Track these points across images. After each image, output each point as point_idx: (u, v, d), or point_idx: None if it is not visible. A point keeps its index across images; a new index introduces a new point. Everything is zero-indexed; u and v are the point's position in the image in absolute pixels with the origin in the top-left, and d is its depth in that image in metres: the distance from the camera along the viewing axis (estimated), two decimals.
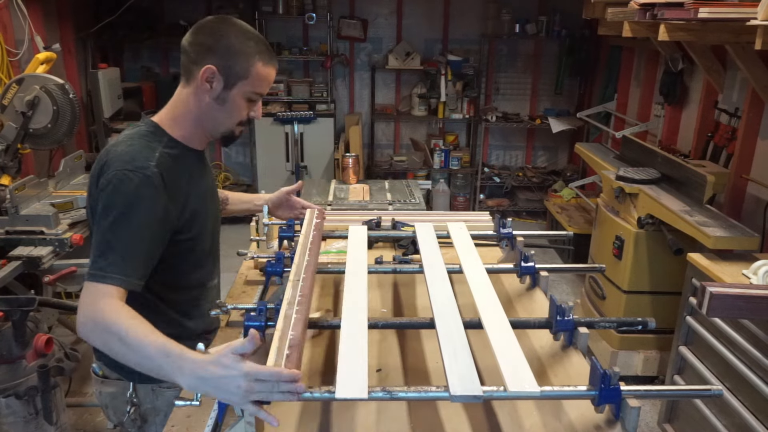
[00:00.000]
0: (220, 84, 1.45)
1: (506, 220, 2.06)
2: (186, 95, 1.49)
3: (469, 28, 6.21)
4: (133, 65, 6.19)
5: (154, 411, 1.64)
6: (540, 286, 1.76)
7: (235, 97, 1.47)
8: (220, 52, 1.43)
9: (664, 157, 3.55)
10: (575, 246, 4.74)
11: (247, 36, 1.47)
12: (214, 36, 1.45)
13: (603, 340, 3.57)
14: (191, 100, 1.48)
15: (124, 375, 1.62)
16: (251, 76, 1.46)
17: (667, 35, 2.84)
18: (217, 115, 1.50)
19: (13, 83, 3.10)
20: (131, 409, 1.61)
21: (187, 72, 1.47)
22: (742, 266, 2.52)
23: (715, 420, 2.51)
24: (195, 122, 1.52)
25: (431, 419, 1.29)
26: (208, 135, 1.58)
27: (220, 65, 1.43)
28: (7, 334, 2.32)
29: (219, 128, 1.54)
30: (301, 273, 1.50)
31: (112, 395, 1.66)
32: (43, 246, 2.69)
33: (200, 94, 1.46)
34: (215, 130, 1.55)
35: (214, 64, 1.42)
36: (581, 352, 1.42)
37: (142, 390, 1.62)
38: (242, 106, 1.50)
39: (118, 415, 1.69)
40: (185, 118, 1.51)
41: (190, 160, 1.55)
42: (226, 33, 1.45)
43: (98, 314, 1.26)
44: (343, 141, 5.88)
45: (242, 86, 1.47)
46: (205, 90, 1.45)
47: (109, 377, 1.66)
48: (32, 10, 4.19)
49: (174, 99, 1.52)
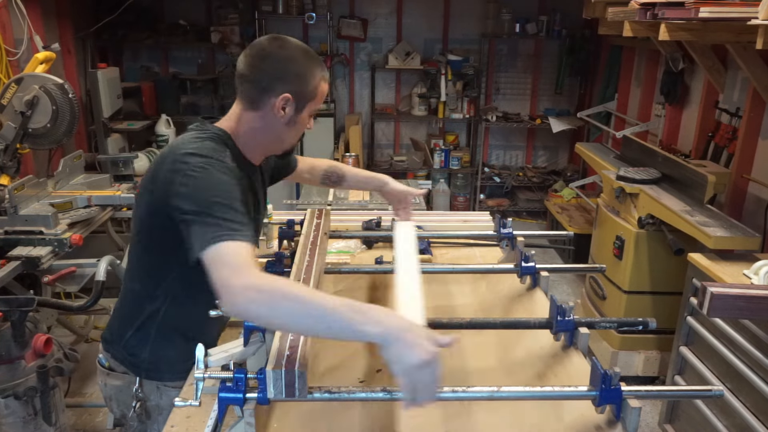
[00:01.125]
0: (292, 109, 1.46)
1: (506, 220, 2.05)
2: (252, 119, 1.48)
3: (469, 27, 6.20)
4: (132, 65, 6.18)
5: (158, 409, 1.62)
6: (540, 287, 1.76)
7: (304, 117, 1.50)
8: (291, 78, 1.44)
9: (665, 157, 3.55)
10: (576, 246, 4.74)
11: (308, 56, 1.48)
12: (281, 63, 1.44)
13: (603, 341, 3.56)
14: (259, 124, 1.48)
15: (131, 369, 1.60)
16: (317, 95, 1.50)
17: (668, 35, 2.83)
18: (286, 136, 1.53)
19: (12, 83, 3.10)
20: (137, 404, 1.59)
21: (253, 99, 1.46)
22: (743, 266, 2.52)
23: (716, 420, 2.50)
24: (259, 142, 1.53)
25: (431, 419, 1.29)
26: (270, 152, 1.60)
27: (293, 92, 1.44)
28: (6, 335, 2.32)
29: (284, 146, 1.58)
30: (302, 273, 1.50)
31: (117, 388, 1.65)
32: (42, 246, 2.68)
33: (271, 120, 1.47)
34: (280, 149, 1.58)
35: (289, 92, 1.43)
36: (582, 353, 1.42)
37: (147, 386, 1.60)
38: (307, 123, 1.52)
39: (121, 408, 1.68)
40: (249, 136, 1.51)
41: (248, 171, 1.55)
42: (292, 58, 1.45)
43: (254, 278, 1.13)
44: (343, 141, 5.88)
45: (310, 106, 1.50)
46: (278, 116, 1.46)
47: (116, 370, 1.63)
48: (31, 9, 4.18)
49: (235, 117, 1.51)
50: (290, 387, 1.07)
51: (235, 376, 1.11)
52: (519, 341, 1.59)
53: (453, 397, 1.16)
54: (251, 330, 1.28)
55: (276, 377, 1.06)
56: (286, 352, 1.12)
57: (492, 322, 1.56)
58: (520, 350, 1.57)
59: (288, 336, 1.18)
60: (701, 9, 2.41)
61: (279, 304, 1.10)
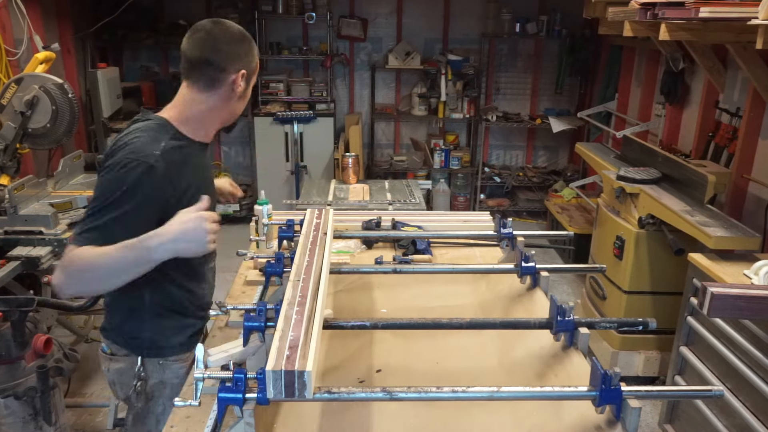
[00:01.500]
0: (245, 83, 1.64)
1: (506, 220, 2.05)
2: (207, 98, 1.61)
3: (469, 27, 6.20)
4: (132, 65, 6.18)
5: (162, 385, 1.72)
6: (540, 287, 1.76)
7: (248, 89, 1.67)
8: (242, 57, 1.61)
9: (665, 156, 3.55)
10: (576, 246, 4.74)
11: (246, 36, 1.65)
12: (232, 44, 1.60)
13: (604, 341, 3.56)
14: (216, 102, 1.62)
15: (132, 350, 1.70)
16: (256, 66, 1.69)
17: (668, 35, 2.83)
18: (238, 106, 1.68)
19: (12, 83, 3.10)
20: (138, 383, 1.69)
21: (213, 79, 1.59)
22: (743, 266, 2.52)
23: (716, 420, 2.50)
24: (215, 118, 1.66)
25: (431, 419, 1.29)
26: (224, 124, 1.72)
27: (246, 68, 1.62)
28: (6, 335, 2.32)
29: (236, 116, 1.72)
30: (301, 273, 1.50)
31: (120, 371, 1.72)
32: (42, 246, 2.68)
33: (228, 96, 1.62)
34: (232, 119, 1.73)
35: (243, 68, 1.61)
36: (582, 353, 1.42)
37: (149, 364, 1.70)
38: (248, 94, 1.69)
39: (125, 391, 1.75)
40: (204, 116, 1.64)
41: (194, 151, 1.66)
42: (238, 39, 1.62)
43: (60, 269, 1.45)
44: (343, 141, 5.87)
45: (253, 79, 1.68)
46: (235, 91, 1.62)
47: (117, 354, 1.72)
48: (31, 9, 4.18)
49: (182, 102, 1.63)
50: (290, 387, 1.07)
51: (235, 376, 1.10)
52: (519, 341, 1.59)
53: (453, 397, 1.16)
54: (251, 330, 1.27)
55: (276, 377, 1.05)
56: (286, 352, 1.12)
57: (492, 322, 1.56)
58: (520, 350, 1.56)
59: (288, 336, 1.18)
60: (701, 9, 2.41)
61: (80, 276, 1.43)
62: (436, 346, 1.62)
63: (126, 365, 1.71)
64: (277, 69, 6.18)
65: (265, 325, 1.30)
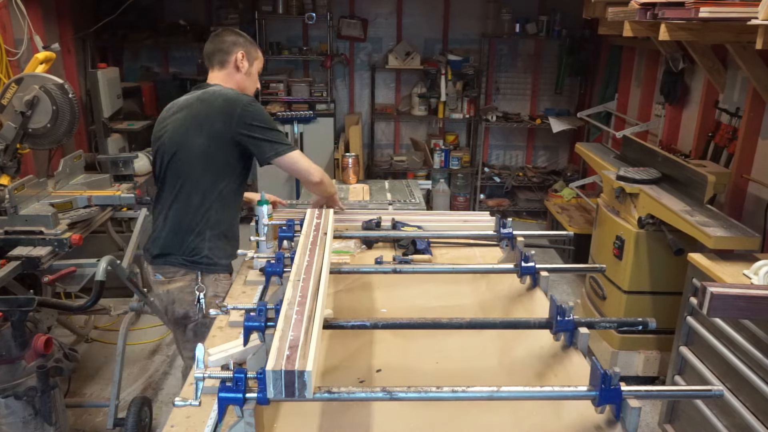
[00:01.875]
0: (246, 63, 2.27)
1: (506, 220, 2.05)
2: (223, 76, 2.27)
3: (469, 27, 6.20)
4: (132, 65, 6.18)
5: (215, 298, 2.16)
6: (540, 286, 1.76)
7: (254, 71, 2.33)
8: (241, 43, 2.28)
9: (665, 156, 3.55)
10: (576, 246, 4.74)
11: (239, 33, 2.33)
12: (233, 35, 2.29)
13: (603, 341, 3.56)
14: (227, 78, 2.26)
15: (192, 267, 2.15)
16: (259, 56, 2.35)
17: (668, 35, 2.83)
18: (247, 83, 2.31)
19: (12, 83, 3.10)
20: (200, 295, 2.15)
21: (222, 60, 2.26)
22: (743, 266, 2.52)
23: (716, 420, 2.50)
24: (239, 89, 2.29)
25: (431, 419, 1.29)
26: None
27: (245, 51, 2.27)
28: (6, 335, 2.31)
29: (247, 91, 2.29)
30: (302, 273, 1.50)
31: (180, 289, 2.18)
32: (43, 246, 2.68)
33: (234, 72, 2.27)
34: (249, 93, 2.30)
35: (242, 50, 2.27)
36: (582, 353, 1.42)
37: (206, 279, 2.17)
38: (257, 78, 2.37)
39: (184, 307, 2.20)
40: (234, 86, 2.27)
41: None
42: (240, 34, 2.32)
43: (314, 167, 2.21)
44: (342, 141, 5.87)
45: (257, 64, 2.33)
46: (240, 68, 2.26)
47: (175, 276, 2.18)
48: (31, 9, 4.18)
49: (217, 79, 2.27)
50: (290, 387, 1.07)
51: (235, 376, 1.10)
52: (519, 341, 1.59)
53: (453, 397, 1.16)
54: (251, 330, 1.28)
55: (276, 377, 1.06)
56: (286, 352, 1.12)
57: (492, 322, 1.56)
58: (520, 350, 1.57)
59: (288, 336, 1.18)
60: (701, 9, 2.41)
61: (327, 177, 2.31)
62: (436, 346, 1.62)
63: (185, 283, 2.17)
64: (277, 69, 6.18)
65: (265, 325, 1.30)
